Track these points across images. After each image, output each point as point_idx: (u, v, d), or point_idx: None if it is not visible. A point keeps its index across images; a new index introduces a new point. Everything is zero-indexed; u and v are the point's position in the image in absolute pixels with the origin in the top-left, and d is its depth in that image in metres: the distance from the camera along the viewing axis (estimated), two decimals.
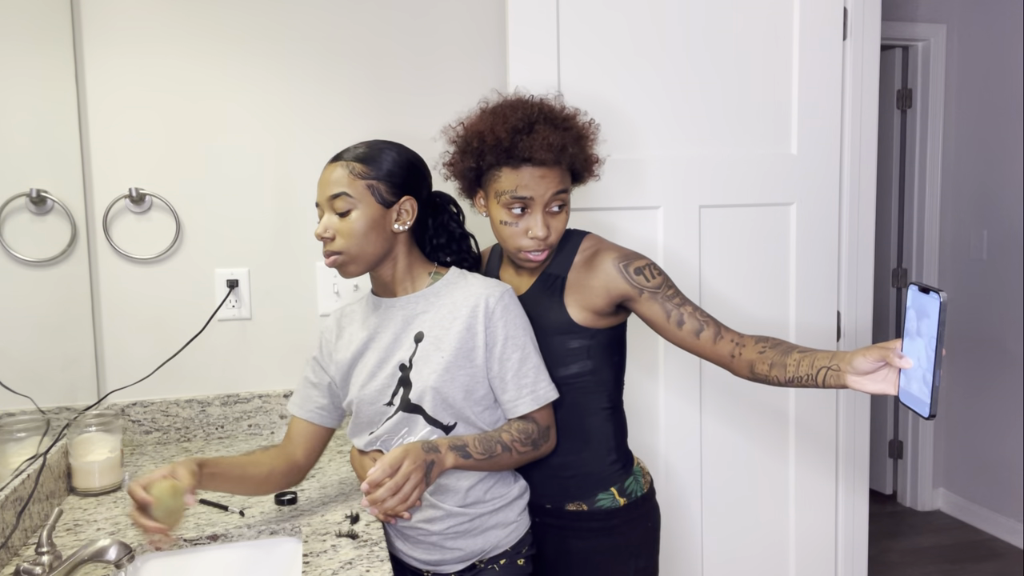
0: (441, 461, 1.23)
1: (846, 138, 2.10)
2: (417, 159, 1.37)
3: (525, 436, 1.34)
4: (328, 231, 1.30)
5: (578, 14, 1.88)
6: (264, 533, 1.37)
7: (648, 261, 1.40)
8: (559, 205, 1.38)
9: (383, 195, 1.30)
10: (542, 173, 1.34)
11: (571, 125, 1.38)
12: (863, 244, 2.14)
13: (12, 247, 1.42)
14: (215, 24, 1.83)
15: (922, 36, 3.50)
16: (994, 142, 3.40)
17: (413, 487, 1.17)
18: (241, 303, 1.89)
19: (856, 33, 2.08)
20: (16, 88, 1.45)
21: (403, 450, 1.19)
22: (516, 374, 1.33)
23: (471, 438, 1.29)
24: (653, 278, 1.38)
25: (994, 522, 3.45)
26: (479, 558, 1.38)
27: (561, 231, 1.40)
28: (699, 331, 1.35)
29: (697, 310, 1.37)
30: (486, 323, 1.32)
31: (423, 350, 1.32)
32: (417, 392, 1.31)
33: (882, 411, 3.87)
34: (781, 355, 1.24)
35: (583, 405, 1.43)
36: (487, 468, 1.31)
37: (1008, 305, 3.36)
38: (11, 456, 1.35)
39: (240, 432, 1.89)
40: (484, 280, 1.36)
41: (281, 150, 1.89)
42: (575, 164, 1.39)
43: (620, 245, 1.44)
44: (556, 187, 1.36)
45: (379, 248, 1.32)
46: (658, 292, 1.37)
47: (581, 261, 1.42)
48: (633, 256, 1.40)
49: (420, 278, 1.37)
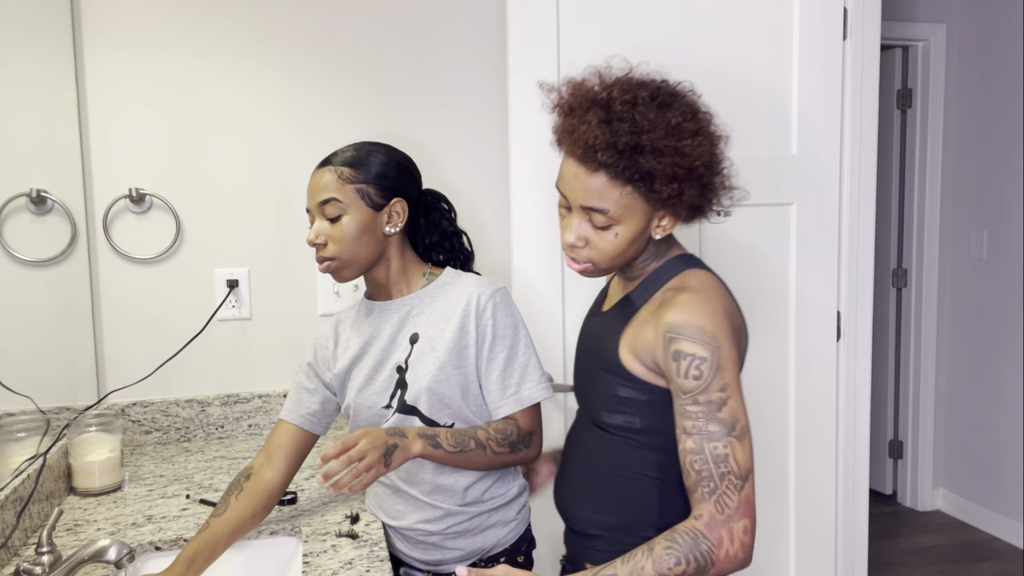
0: (407, 447, 1.20)
1: (846, 138, 2.10)
2: (406, 159, 1.36)
3: (502, 436, 1.31)
4: (320, 237, 1.29)
5: (578, 15, 1.88)
6: (264, 533, 1.37)
7: (698, 353, 1.04)
8: (605, 225, 1.09)
9: (373, 198, 1.29)
10: (575, 172, 1.09)
11: (638, 121, 1.04)
12: (863, 244, 2.14)
13: (12, 247, 1.42)
14: (215, 25, 1.83)
15: (922, 36, 3.50)
16: (994, 142, 3.40)
17: (368, 465, 1.14)
18: (241, 303, 1.89)
19: (856, 33, 2.08)
20: (16, 88, 1.45)
21: (363, 431, 1.18)
22: (501, 375, 1.32)
23: (444, 430, 1.27)
24: (686, 377, 1.04)
25: (994, 522, 3.45)
26: (479, 557, 1.38)
27: (609, 254, 1.11)
28: (685, 478, 1.05)
29: (701, 455, 1.02)
30: (477, 321, 1.31)
31: (418, 351, 1.32)
32: (413, 393, 1.31)
33: (882, 411, 3.87)
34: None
35: (623, 463, 1.16)
36: (460, 463, 1.28)
37: (1008, 305, 3.35)
38: (11, 456, 1.35)
39: (240, 432, 1.89)
40: (477, 279, 1.35)
41: (281, 150, 1.89)
42: (643, 180, 1.05)
43: (701, 305, 1.06)
44: (591, 198, 1.07)
45: (371, 252, 1.31)
46: (683, 397, 1.05)
47: (657, 299, 1.13)
48: (691, 333, 1.05)
49: (415, 279, 1.37)
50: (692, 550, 1.01)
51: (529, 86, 1.85)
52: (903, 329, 3.78)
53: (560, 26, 1.87)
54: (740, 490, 1.02)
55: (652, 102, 1.07)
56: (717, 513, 1.02)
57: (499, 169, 2.00)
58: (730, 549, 1.02)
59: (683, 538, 1.02)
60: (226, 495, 1.30)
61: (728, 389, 1.04)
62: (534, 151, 1.87)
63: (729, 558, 1.02)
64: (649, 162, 1.04)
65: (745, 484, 1.03)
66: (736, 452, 1.02)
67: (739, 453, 1.03)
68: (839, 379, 2.15)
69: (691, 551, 1.01)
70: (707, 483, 1.02)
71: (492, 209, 2.00)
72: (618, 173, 1.05)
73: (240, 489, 1.30)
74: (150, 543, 1.32)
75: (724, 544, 1.02)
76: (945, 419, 3.68)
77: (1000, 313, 3.39)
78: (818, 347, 2.10)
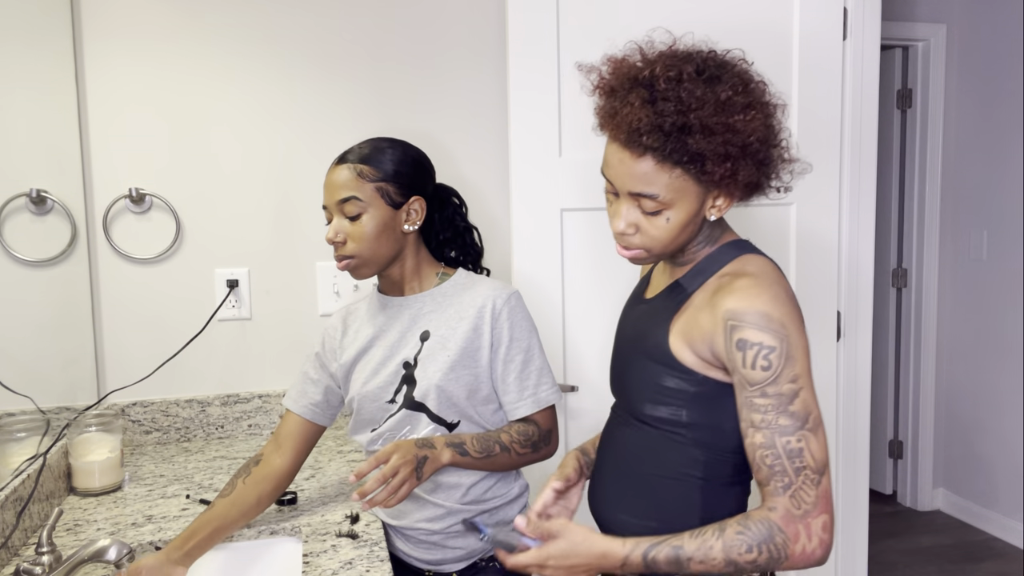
0: (436, 457, 1.24)
1: (846, 138, 2.10)
2: (421, 155, 1.37)
3: (525, 438, 1.34)
4: (339, 235, 1.30)
5: (577, 17, 1.88)
6: (264, 533, 1.37)
7: (766, 342, 0.97)
8: (655, 211, 1.03)
9: (392, 196, 1.30)
10: (620, 157, 1.02)
11: (684, 99, 0.97)
12: (863, 244, 2.14)
13: (12, 247, 1.42)
14: (215, 24, 1.83)
15: (922, 36, 3.50)
16: (994, 142, 3.40)
17: (402, 481, 1.18)
18: (241, 303, 1.89)
19: (856, 33, 2.08)
20: (16, 88, 1.45)
21: (394, 445, 1.22)
22: (518, 376, 1.34)
23: (469, 436, 1.30)
24: (753, 368, 0.98)
25: (994, 522, 3.45)
26: (480, 557, 1.38)
27: (662, 240, 1.05)
28: (755, 472, 1.01)
29: (773, 450, 0.97)
30: (492, 324, 1.32)
31: (429, 348, 1.33)
32: (422, 390, 1.31)
33: (882, 411, 3.87)
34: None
35: (665, 461, 1.09)
36: (485, 467, 1.32)
37: (1008, 305, 3.35)
38: (11, 456, 1.35)
39: (240, 432, 1.89)
40: (492, 282, 1.37)
41: (281, 150, 1.89)
42: (692, 162, 0.99)
43: (763, 290, 1.00)
44: (639, 184, 1.01)
45: (390, 249, 1.32)
46: (750, 389, 0.99)
47: (711, 285, 1.06)
48: (755, 320, 0.98)
49: (428, 278, 1.38)
50: (767, 540, 0.97)
51: (529, 86, 1.85)
52: (903, 329, 3.78)
53: (560, 28, 1.87)
54: (817, 484, 0.97)
55: (699, 77, 1.00)
56: (794, 508, 0.97)
57: (499, 169, 2.00)
58: (807, 545, 0.97)
59: (757, 526, 0.97)
60: (234, 478, 1.32)
61: (800, 380, 0.98)
62: (534, 151, 1.87)
63: (806, 555, 0.98)
64: (698, 143, 0.97)
65: (822, 478, 0.98)
66: (811, 446, 0.97)
67: (814, 446, 0.97)
68: (839, 379, 2.15)
69: (765, 541, 0.97)
70: (781, 478, 0.97)
71: (493, 210, 2.00)
72: (666, 156, 0.98)
73: (248, 473, 1.33)
74: (150, 543, 1.32)
75: (801, 539, 0.97)
76: (945, 419, 3.68)
77: (1000, 313, 3.39)
78: (818, 347, 2.10)
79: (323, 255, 1.93)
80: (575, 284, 1.92)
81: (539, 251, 1.89)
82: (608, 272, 1.94)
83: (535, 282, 1.89)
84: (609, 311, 1.93)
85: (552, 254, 1.90)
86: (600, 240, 1.93)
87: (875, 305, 3.83)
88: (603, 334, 1.94)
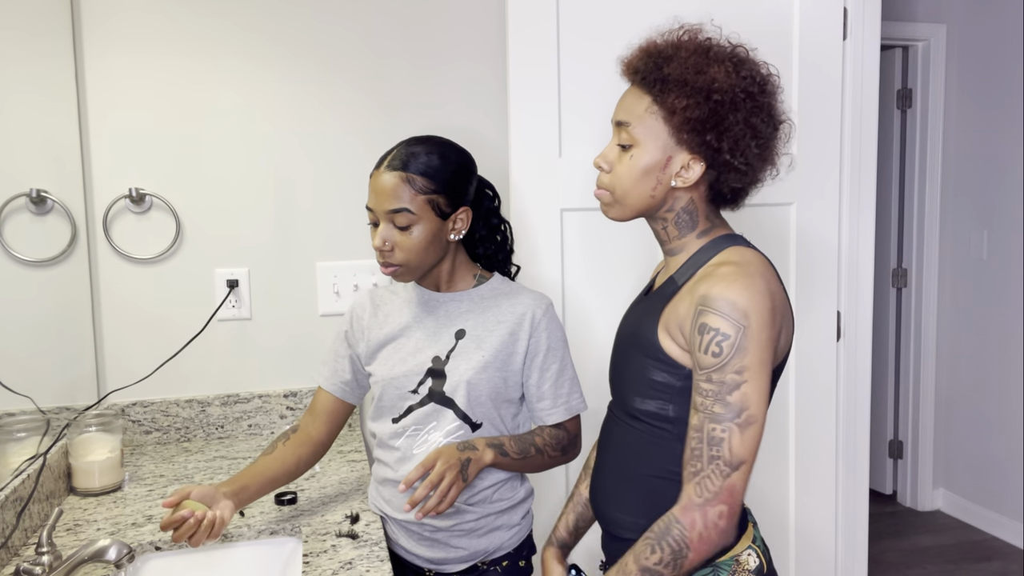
0: (479, 458, 1.28)
1: (846, 138, 2.10)
2: (468, 160, 1.37)
3: (556, 442, 1.40)
4: (387, 244, 1.31)
5: (577, 17, 1.88)
6: (264, 533, 1.37)
7: (722, 330, 0.98)
8: (627, 143, 1.10)
9: (442, 208, 1.31)
10: (624, 93, 1.14)
11: (673, 44, 1.12)
12: (863, 244, 2.14)
13: (12, 247, 1.42)
14: (216, 25, 1.83)
15: (922, 36, 3.50)
16: (994, 142, 3.40)
17: (449, 484, 1.22)
18: (241, 303, 1.89)
19: (856, 33, 2.08)
20: (16, 88, 1.45)
21: (436, 451, 1.25)
22: (554, 384, 1.38)
23: (507, 438, 1.35)
24: (705, 352, 0.99)
25: (994, 522, 3.45)
26: (482, 559, 1.38)
27: (622, 178, 1.11)
28: (686, 459, 1.02)
29: (699, 434, 0.99)
30: (531, 333, 1.36)
31: (463, 346, 1.35)
32: (452, 385, 1.34)
33: (882, 411, 3.87)
34: None
35: (655, 457, 1.10)
36: (520, 468, 1.38)
37: (1008, 305, 3.35)
38: (11, 456, 1.35)
39: (240, 432, 1.89)
40: (531, 293, 1.41)
41: (282, 150, 1.89)
42: (661, 86, 1.07)
43: (739, 278, 1.01)
44: (621, 112, 1.13)
45: (435, 257, 1.35)
46: (699, 372, 1.01)
47: (698, 276, 1.07)
48: (720, 306, 0.99)
49: (464, 278, 1.41)
50: (664, 535, 0.99)
51: (529, 85, 1.85)
52: (903, 329, 3.79)
53: (560, 29, 1.87)
54: (725, 477, 0.98)
55: (705, 54, 1.11)
56: (695, 496, 0.99)
57: (499, 169, 2.00)
58: (703, 532, 0.98)
59: (657, 526, 1.01)
60: (275, 442, 1.41)
61: (745, 372, 0.97)
62: (534, 151, 1.87)
63: (704, 539, 0.98)
64: (671, 68, 1.06)
65: (733, 473, 0.98)
66: (733, 439, 0.97)
67: (736, 441, 0.97)
68: (839, 379, 2.15)
69: (663, 537, 0.99)
70: (695, 463, 0.99)
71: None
72: (646, 83, 1.08)
73: (287, 439, 1.41)
74: (150, 543, 1.33)
75: (696, 527, 0.98)
76: (945, 419, 3.68)
77: (1000, 313, 3.39)
78: (818, 347, 2.10)
79: (323, 255, 1.93)
80: (575, 284, 1.92)
81: (539, 251, 1.89)
82: (608, 272, 1.94)
83: (535, 282, 1.89)
84: (609, 311, 1.93)
85: (552, 254, 1.90)
86: (600, 240, 1.93)
87: (875, 305, 3.82)
88: (603, 334, 1.93)
